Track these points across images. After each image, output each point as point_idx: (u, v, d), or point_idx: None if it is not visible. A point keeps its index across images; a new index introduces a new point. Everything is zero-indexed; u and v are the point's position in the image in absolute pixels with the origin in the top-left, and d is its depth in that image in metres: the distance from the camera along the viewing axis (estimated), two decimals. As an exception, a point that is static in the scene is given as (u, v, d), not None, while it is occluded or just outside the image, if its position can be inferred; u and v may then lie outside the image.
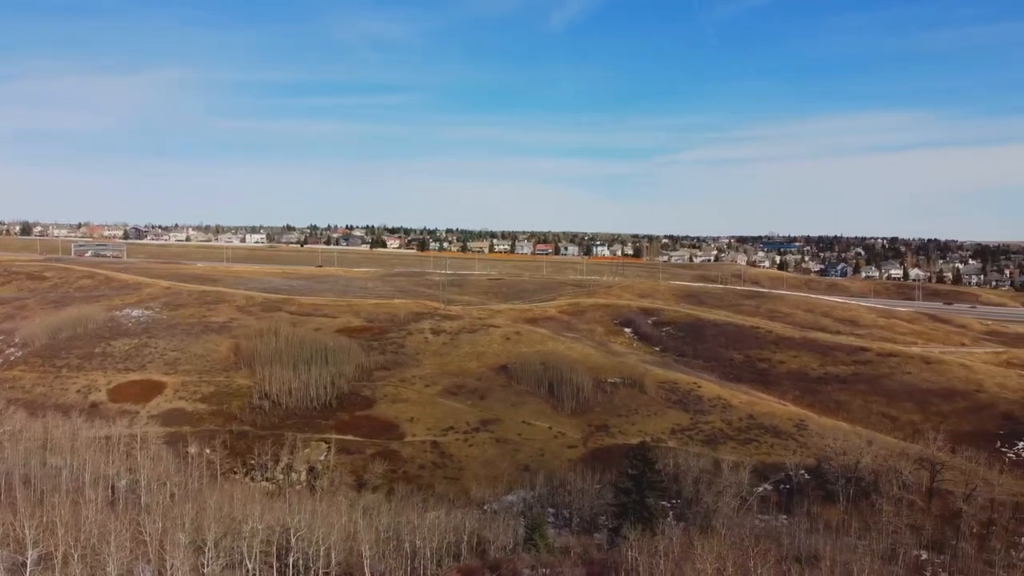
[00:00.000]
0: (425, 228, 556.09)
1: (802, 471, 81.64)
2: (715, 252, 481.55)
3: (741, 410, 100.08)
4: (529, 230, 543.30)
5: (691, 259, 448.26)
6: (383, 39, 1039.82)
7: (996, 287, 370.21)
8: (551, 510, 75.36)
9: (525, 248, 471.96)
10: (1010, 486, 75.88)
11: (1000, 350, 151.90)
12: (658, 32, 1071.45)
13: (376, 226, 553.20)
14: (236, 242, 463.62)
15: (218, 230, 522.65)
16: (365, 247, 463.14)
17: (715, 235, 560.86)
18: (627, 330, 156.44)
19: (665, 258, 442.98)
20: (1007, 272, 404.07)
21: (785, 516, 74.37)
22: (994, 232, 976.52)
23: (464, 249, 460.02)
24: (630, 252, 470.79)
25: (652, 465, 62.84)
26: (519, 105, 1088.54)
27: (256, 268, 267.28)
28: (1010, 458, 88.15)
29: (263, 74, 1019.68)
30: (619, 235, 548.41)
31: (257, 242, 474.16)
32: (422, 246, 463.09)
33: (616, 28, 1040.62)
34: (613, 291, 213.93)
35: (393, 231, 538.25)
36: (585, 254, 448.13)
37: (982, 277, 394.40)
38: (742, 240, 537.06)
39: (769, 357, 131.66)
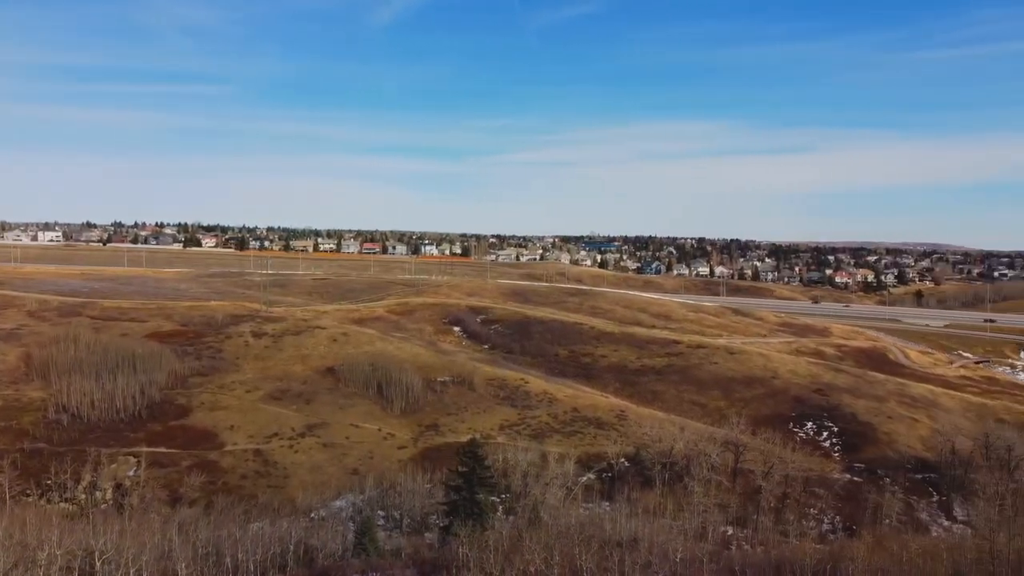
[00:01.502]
0: (244, 226, 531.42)
1: (623, 459, 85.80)
2: (540, 251, 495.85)
3: (566, 404, 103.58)
4: (356, 229, 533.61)
5: (518, 258, 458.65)
6: (195, 26, 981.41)
7: (788, 283, 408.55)
8: (381, 513, 74.24)
9: (352, 247, 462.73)
10: (801, 462, 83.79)
11: (791, 340, 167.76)
12: (483, 34, 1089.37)
13: (190, 224, 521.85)
14: (26, 240, 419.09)
15: (3, 227, 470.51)
16: (178, 246, 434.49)
17: (540, 235, 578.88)
18: (456, 329, 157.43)
19: (493, 257, 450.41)
20: (797, 269, 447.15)
21: (608, 503, 77.73)
22: (786, 233, 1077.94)
23: (287, 248, 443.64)
24: (458, 251, 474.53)
25: (482, 461, 63.48)
26: (343, 101, 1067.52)
27: (51, 269, 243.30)
28: (800, 437, 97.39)
29: (58, 57, 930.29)
30: (447, 234, 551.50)
31: (52, 240, 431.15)
32: (241, 245, 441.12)
33: (440, 27, 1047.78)
34: (442, 290, 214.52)
35: (209, 229, 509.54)
36: (414, 253, 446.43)
37: (776, 274, 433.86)
38: (566, 240, 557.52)
39: (592, 352, 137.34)
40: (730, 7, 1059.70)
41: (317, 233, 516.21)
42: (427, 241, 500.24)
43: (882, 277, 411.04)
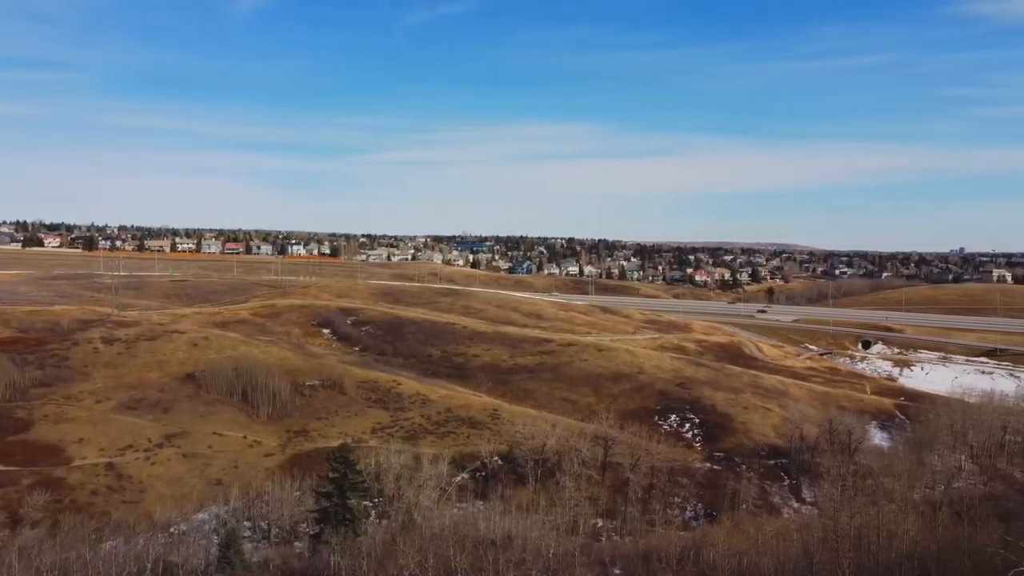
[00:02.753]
0: (93, 225, 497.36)
1: (496, 458, 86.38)
2: (412, 251, 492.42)
3: (440, 404, 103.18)
4: (217, 228, 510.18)
5: (389, 258, 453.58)
6: (32, 7, 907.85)
7: (652, 281, 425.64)
8: (248, 524, 71.22)
9: (213, 247, 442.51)
10: (665, 453, 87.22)
11: (656, 336, 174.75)
12: (351, 30, 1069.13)
13: (30, 222, 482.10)
14: None
15: None
16: (16, 246, 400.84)
17: (412, 235, 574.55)
18: (326, 331, 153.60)
19: (363, 257, 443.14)
20: (660, 268, 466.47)
21: (482, 502, 77.99)
22: (651, 233, 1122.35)
23: (141, 248, 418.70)
24: (327, 251, 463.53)
25: (353, 466, 62.14)
26: (201, 93, 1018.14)
27: None
28: (665, 429, 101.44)
29: None
30: (316, 234, 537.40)
31: None
32: (89, 245, 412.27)
33: (305, 20, 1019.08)
34: (310, 291, 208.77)
35: (52, 228, 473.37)
36: (280, 253, 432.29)
37: (642, 272, 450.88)
38: (438, 239, 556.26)
39: (465, 352, 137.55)
40: (599, 13, 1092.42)
41: (175, 232, 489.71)
42: (294, 241, 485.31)
43: (738, 275, 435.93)
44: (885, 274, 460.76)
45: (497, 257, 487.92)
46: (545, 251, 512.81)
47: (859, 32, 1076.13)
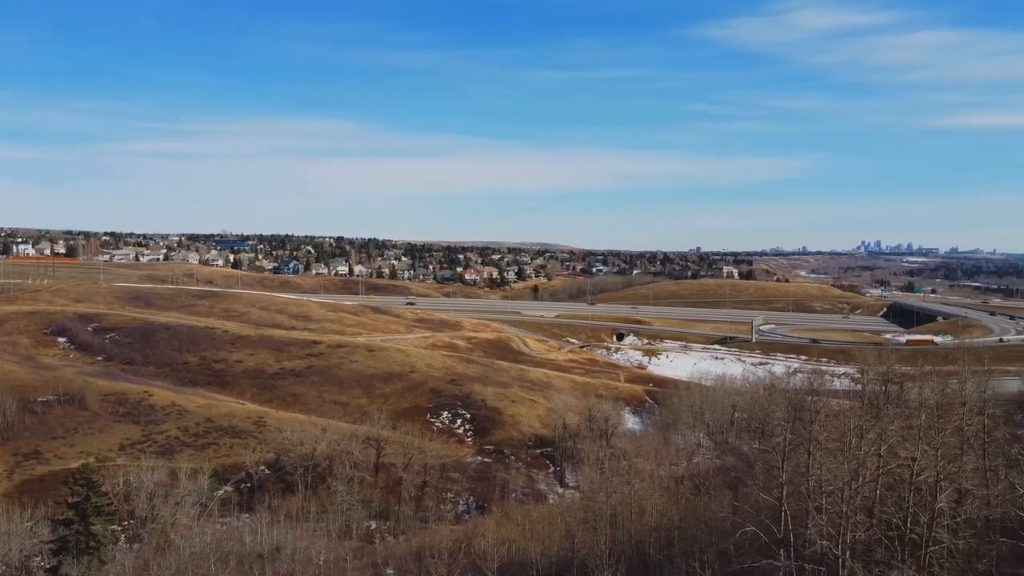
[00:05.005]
0: None
1: (263, 467, 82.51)
2: (165, 251, 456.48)
3: (199, 414, 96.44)
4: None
5: (137, 258, 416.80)
6: None
7: (423, 280, 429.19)
8: (-36, 565, 61.82)
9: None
10: (438, 450, 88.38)
11: (428, 335, 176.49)
12: (84, 5, 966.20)
13: None
14: None
15: None
16: None
17: (164, 233, 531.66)
18: (61, 340, 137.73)
19: (106, 257, 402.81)
20: (431, 267, 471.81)
21: (248, 515, 74.06)
22: (421, 233, 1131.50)
23: None
24: (62, 251, 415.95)
25: (97, 487, 56.26)
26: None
27: None
28: (437, 427, 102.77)
29: None
30: (48, 231, 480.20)
31: None
32: None
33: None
34: (42, 296, 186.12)
35: None
36: (3, 253, 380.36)
37: (413, 272, 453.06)
38: (194, 238, 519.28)
39: (226, 357, 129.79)
40: (373, 9, 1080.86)
41: None
42: (20, 239, 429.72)
43: (505, 274, 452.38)
44: (636, 271, 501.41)
45: (261, 257, 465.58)
46: (313, 250, 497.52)
47: (612, 46, 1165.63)
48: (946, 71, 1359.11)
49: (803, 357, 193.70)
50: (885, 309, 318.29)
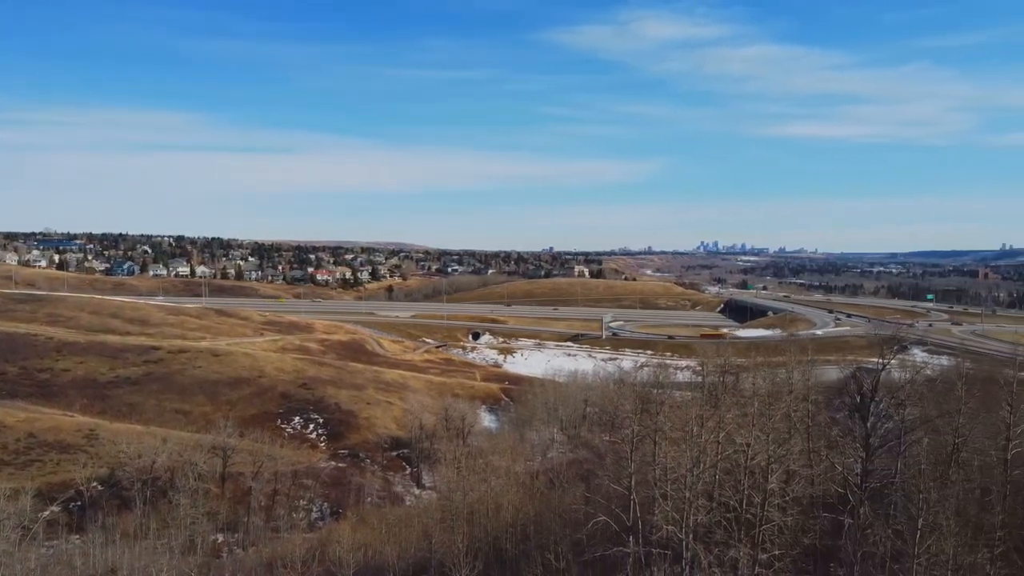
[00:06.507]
0: None
1: (95, 483, 76.56)
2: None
3: (19, 429, 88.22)
4: None
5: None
6: None
7: (272, 281, 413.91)
8: None
9: None
10: (290, 457, 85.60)
11: (277, 338, 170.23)
12: None
13: None
14: None
15: None
16: None
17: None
18: None
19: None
20: (280, 268, 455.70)
21: (78, 536, 68.54)
22: (270, 232, 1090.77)
23: None
24: None
25: None
26: None
27: None
28: (289, 432, 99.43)
29: None
30: None
31: None
32: None
33: None
34: None
35: None
36: None
37: (261, 272, 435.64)
38: (11, 237, 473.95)
39: (52, 366, 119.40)
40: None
41: None
42: None
43: (359, 274, 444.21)
44: (491, 271, 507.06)
45: (91, 257, 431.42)
46: (150, 250, 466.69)
47: (466, 46, 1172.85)
48: (773, 83, 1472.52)
49: (649, 352, 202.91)
50: (722, 305, 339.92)
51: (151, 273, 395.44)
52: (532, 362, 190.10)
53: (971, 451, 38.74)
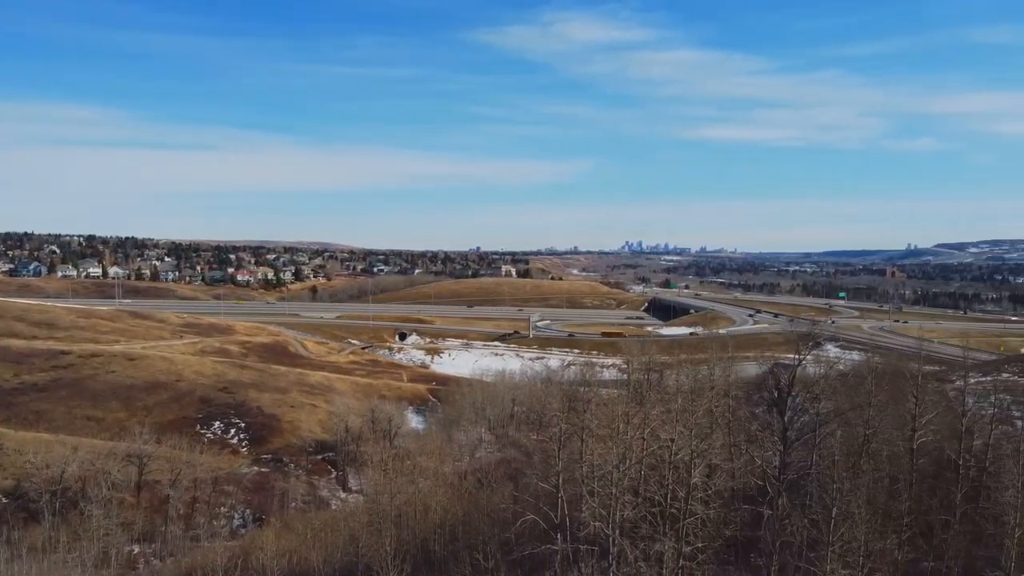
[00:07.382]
0: None
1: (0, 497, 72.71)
2: None
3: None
4: None
5: None
6: None
7: (190, 282, 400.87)
8: None
9: None
10: (209, 463, 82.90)
11: (196, 340, 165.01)
12: None
13: None
14: None
15: None
16: None
17: None
18: None
19: None
20: (199, 268, 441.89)
21: (-20, 552, 64.95)
22: (187, 231, 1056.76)
23: None
24: None
25: None
26: None
27: None
28: (209, 438, 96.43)
29: None
30: None
31: None
32: None
33: None
34: None
35: None
36: None
37: (178, 273, 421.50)
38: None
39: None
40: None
41: None
42: None
43: (281, 274, 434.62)
44: (417, 271, 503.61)
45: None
46: (59, 250, 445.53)
47: (392, 45, 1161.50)
48: (693, 87, 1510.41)
49: (576, 351, 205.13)
50: (647, 304, 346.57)
51: (60, 274, 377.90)
52: (460, 362, 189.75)
53: (880, 442, 40.59)
